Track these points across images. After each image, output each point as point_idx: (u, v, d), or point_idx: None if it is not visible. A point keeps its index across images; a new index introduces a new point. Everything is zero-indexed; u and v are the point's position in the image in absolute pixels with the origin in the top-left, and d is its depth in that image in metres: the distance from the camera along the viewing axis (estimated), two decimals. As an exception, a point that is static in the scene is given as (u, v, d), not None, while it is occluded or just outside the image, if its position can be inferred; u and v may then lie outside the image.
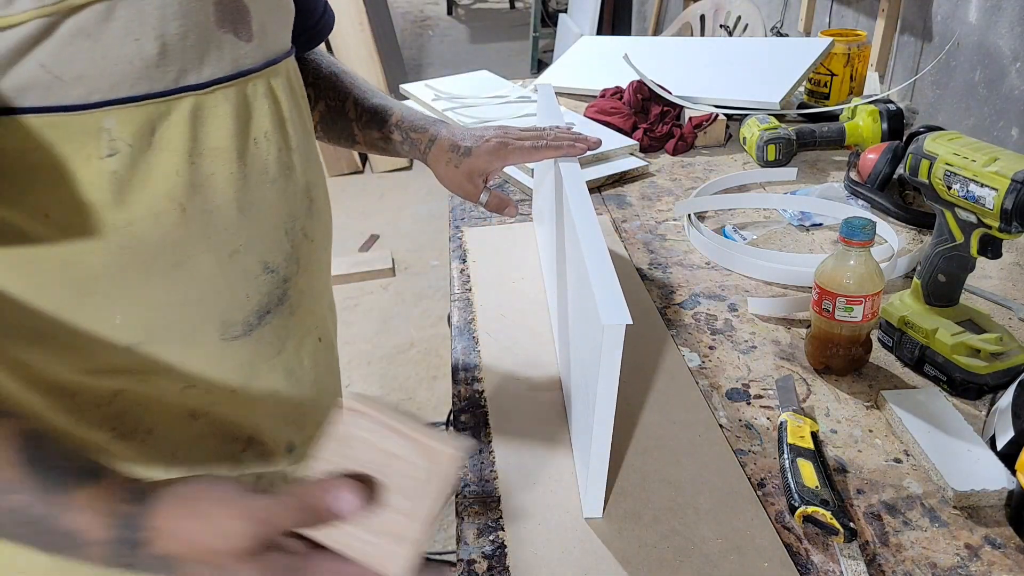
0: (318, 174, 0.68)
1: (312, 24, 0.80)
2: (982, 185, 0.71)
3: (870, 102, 1.32)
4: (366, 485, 0.42)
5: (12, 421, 0.44)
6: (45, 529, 0.42)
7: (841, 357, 0.79)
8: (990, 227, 0.73)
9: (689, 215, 1.11)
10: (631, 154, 1.33)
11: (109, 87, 0.48)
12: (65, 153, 0.48)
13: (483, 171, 0.84)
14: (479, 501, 0.66)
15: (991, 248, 0.75)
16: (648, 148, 1.39)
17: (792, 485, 0.64)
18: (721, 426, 0.74)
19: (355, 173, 3.79)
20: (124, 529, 0.42)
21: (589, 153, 1.28)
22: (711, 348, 0.86)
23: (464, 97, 1.58)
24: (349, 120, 0.86)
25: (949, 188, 0.74)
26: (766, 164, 1.30)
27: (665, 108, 1.44)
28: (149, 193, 0.52)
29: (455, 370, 0.84)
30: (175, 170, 0.53)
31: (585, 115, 1.47)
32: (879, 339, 0.85)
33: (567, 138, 0.83)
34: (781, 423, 0.71)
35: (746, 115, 1.39)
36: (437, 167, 0.87)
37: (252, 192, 0.59)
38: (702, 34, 2.38)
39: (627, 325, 0.52)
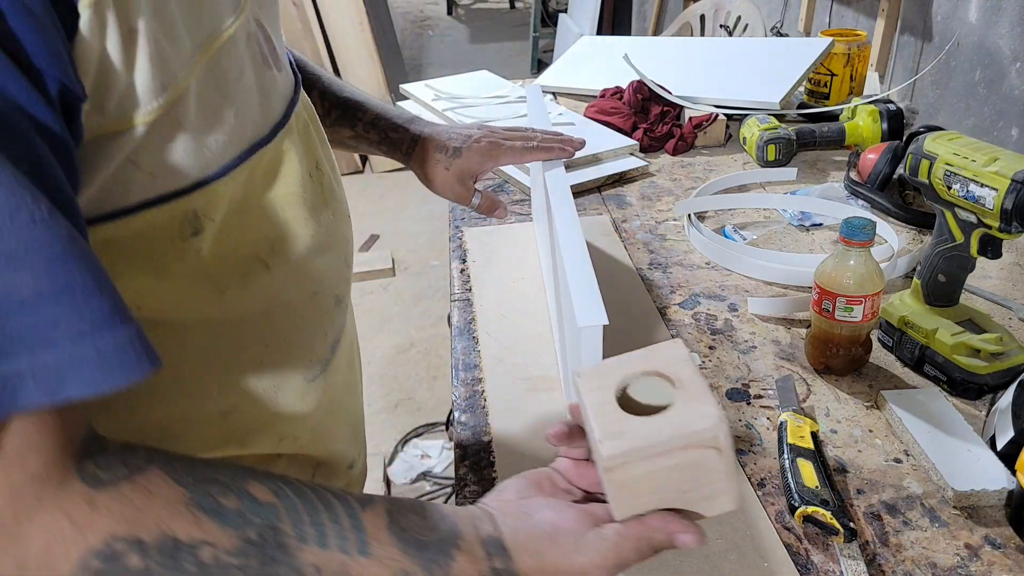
0: (343, 190, 0.65)
1: None
2: (982, 185, 0.71)
3: (870, 102, 1.32)
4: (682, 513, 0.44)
5: (377, 500, 0.44)
6: None
7: (841, 357, 0.79)
8: (990, 227, 0.73)
9: (689, 215, 1.11)
10: (631, 154, 1.33)
11: (199, 171, 0.46)
12: (156, 239, 0.46)
13: (474, 172, 0.82)
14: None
15: (991, 248, 0.75)
16: (648, 148, 1.39)
17: (792, 485, 0.64)
18: (721, 426, 0.74)
19: (355, 173, 3.79)
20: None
21: (588, 152, 1.28)
22: (711, 348, 0.86)
23: (464, 97, 1.58)
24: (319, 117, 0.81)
25: (949, 188, 0.74)
26: (766, 164, 1.29)
27: (665, 108, 1.44)
28: (235, 261, 0.50)
29: (455, 370, 0.84)
30: (258, 230, 0.51)
31: (585, 115, 1.47)
32: (879, 339, 0.85)
33: (555, 141, 0.82)
34: (781, 423, 0.71)
35: (746, 115, 1.39)
36: (423, 168, 0.82)
37: (321, 228, 0.57)
38: (702, 34, 2.38)
39: (607, 325, 0.52)
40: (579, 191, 1.25)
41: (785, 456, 0.67)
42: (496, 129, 0.84)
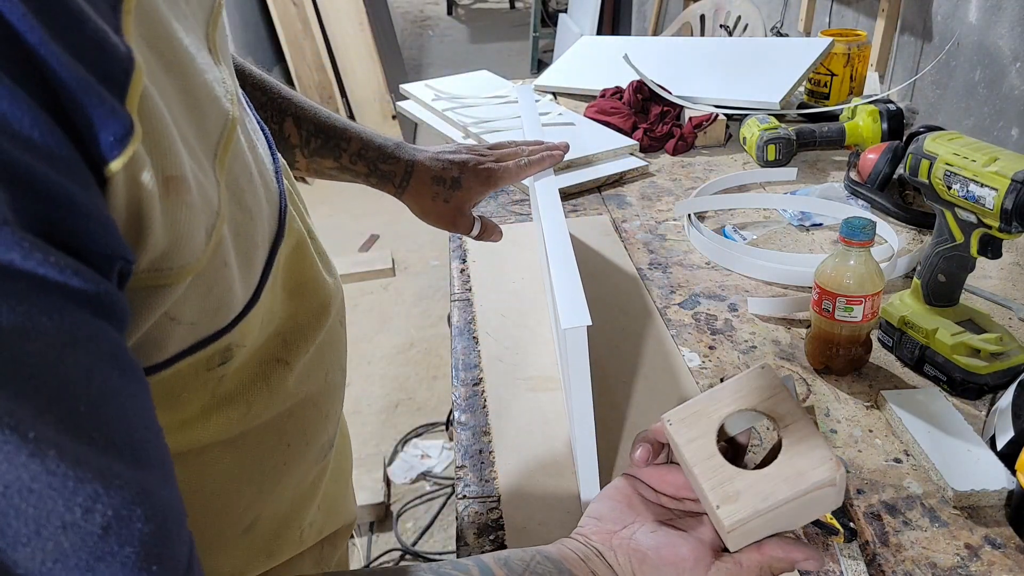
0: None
1: None
2: (982, 185, 0.71)
3: (870, 102, 1.32)
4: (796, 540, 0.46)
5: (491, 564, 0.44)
6: None
7: (841, 357, 0.79)
8: (990, 227, 0.73)
9: (689, 215, 1.11)
10: (631, 154, 1.33)
11: (241, 303, 0.40)
12: (181, 382, 0.40)
13: (475, 202, 0.79)
14: (479, 501, 0.66)
15: (991, 248, 0.75)
16: (648, 148, 1.39)
17: (792, 485, 0.63)
18: (721, 426, 0.74)
19: (355, 173, 3.79)
20: None
21: (588, 153, 1.28)
22: (711, 348, 0.86)
23: (464, 97, 1.58)
24: (291, 146, 0.71)
25: (949, 188, 0.74)
26: (766, 164, 1.30)
27: (665, 108, 1.44)
28: (259, 372, 0.45)
29: (455, 370, 0.84)
30: (273, 331, 0.46)
31: (585, 115, 1.47)
32: (879, 339, 0.85)
33: (542, 150, 0.79)
34: (781, 423, 0.71)
35: (746, 115, 1.39)
36: (419, 202, 0.77)
37: (323, 298, 0.52)
38: (702, 34, 2.38)
39: (591, 326, 0.52)
40: (579, 191, 1.25)
41: (785, 456, 0.67)
42: (483, 151, 0.80)
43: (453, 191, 0.76)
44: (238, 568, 0.50)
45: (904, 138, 1.24)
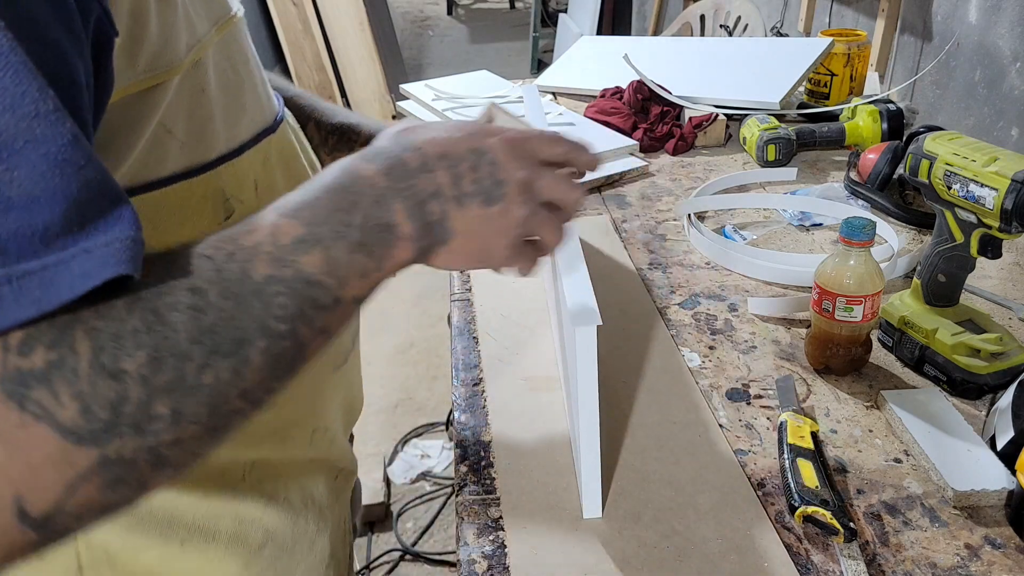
0: None
1: None
2: (982, 185, 0.71)
3: (870, 102, 1.32)
4: None
5: None
6: (324, 186, 0.42)
7: (841, 357, 0.79)
8: (990, 227, 0.73)
9: (689, 215, 1.11)
10: (631, 154, 1.33)
11: (224, 145, 0.50)
12: (194, 217, 0.48)
13: None
14: (479, 501, 0.66)
15: (991, 248, 0.75)
16: (648, 148, 1.39)
17: (792, 485, 0.64)
18: (721, 426, 0.74)
19: (355, 173, 3.78)
20: (370, 156, 0.45)
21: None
22: (711, 348, 0.86)
23: (464, 97, 1.58)
24: (315, 146, 0.76)
25: (949, 188, 0.74)
26: (766, 164, 1.29)
27: (665, 108, 1.44)
28: None
29: (455, 370, 0.84)
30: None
31: (585, 115, 1.47)
32: (879, 339, 0.85)
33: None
34: (781, 423, 0.71)
35: (746, 115, 1.39)
36: None
37: None
38: (702, 34, 2.38)
39: (602, 326, 0.52)
40: (579, 191, 1.25)
41: (785, 456, 0.67)
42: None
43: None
44: (253, 442, 0.55)
45: (904, 138, 1.24)
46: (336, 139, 0.78)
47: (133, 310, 0.34)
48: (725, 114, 1.41)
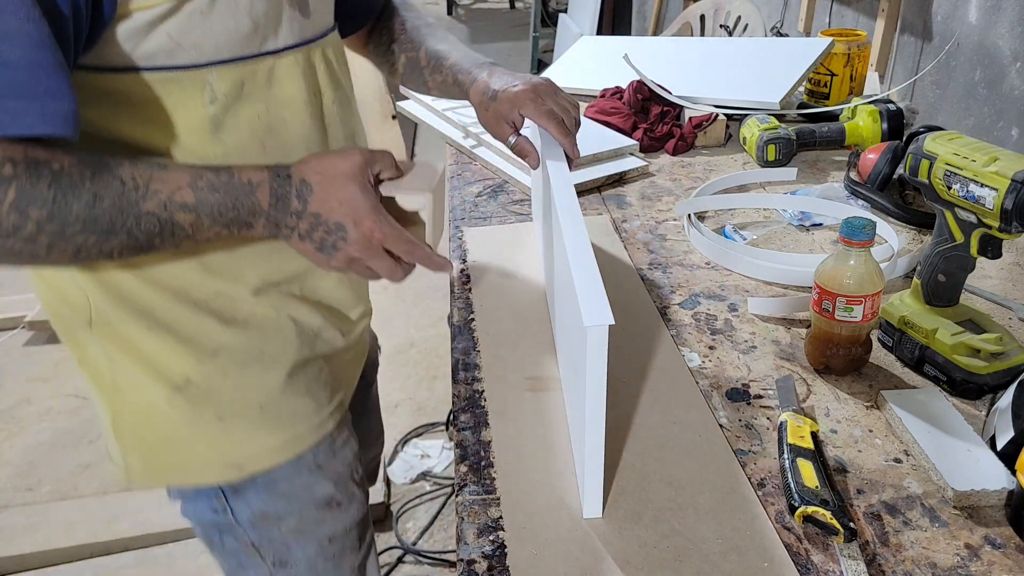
0: (357, 123, 0.83)
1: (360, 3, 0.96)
2: (982, 185, 0.71)
3: (870, 102, 1.32)
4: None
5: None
6: (233, 185, 0.62)
7: (841, 357, 0.79)
8: (990, 227, 0.73)
9: (689, 215, 1.11)
10: (631, 154, 1.33)
11: (214, 51, 0.63)
12: (179, 101, 0.64)
13: (506, 116, 0.88)
14: (479, 501, 0.66)
15: (991, 248, 0.75)
16: (648, 148, 1.39)
17: (792, 485, 0.64)
18: (721, 426, 0.74)
19: (355, 173, 3.78)
20: (277, 171, 0.65)
21: (588, 152, 1.28)
22: (711, 348, 0.86)
23: (464, 97, 1.58)
24: (422, 68, 0.94)
25: (949, 188, 0.74)
26: (766, 164, 1.30)
27: (665, 108, 1.44)
28: (238, 132, 0.67)
29: (455, 370, 0.84)
30: (257, 115, 0.68)
31: (585, 115, 1.47)
32: (879, 339, 0.85)
33: (571, 132, 0.88)
34: (781, 423, 0.71)
35: (746, 115, 1.39)
36: (475, 108, 0.92)
37: (314, 133, 0.74)
38: (702, 34, 2.38)
39: (611, 325, 0.52)
40: (579, 191, 1.25)
41: (785, 456, 0.67)
42: (540, 86, 0.89)
43: (491, 101, 0.89)
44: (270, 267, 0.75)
45: (904, 138, 1.24)
46: (434, 64, 0.94)
47: (51, 185, 0.55)
48: (725, 114, 1.41)
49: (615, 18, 4.28)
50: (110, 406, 0.76)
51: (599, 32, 3.96)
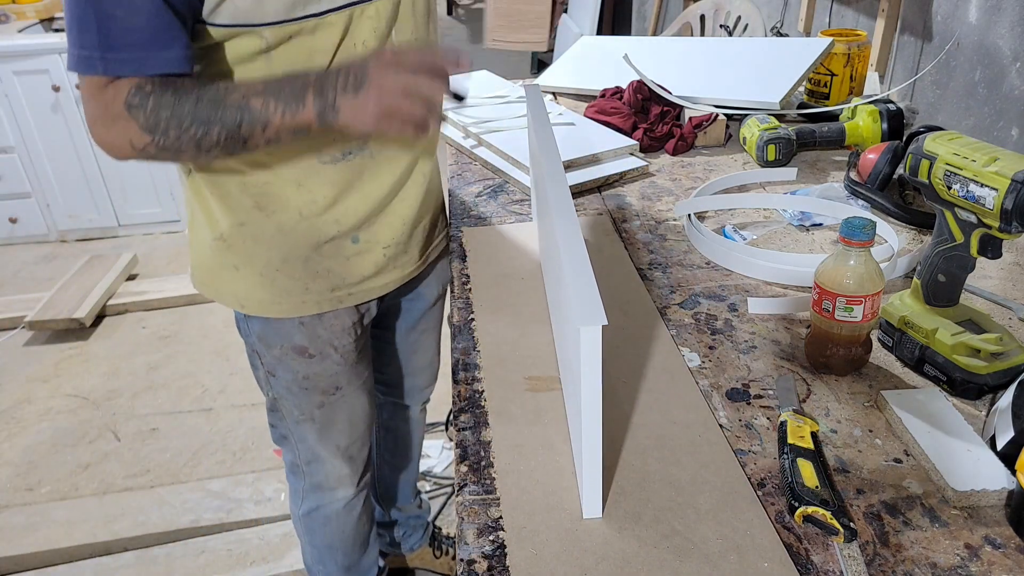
0: None
1: None
2: (982, 185, 0.71)
3: (870, 102, 1.32)
4: None
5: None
6: (290, 76, 0.81)
7: (841, 357, 0.79)
8: (990, 227, 0.73)
9: (689, 215, 1.11)
10: (631, 154, 1.33)
11: (264, 16, 0.81)
12: (241, 43, 0.85)
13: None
14: (479, 501, 0.66)
15: (991, 248, 0.75)
16: (648, 148, 1.39)
17: (792, 485, 0.64)
18: (721, 426, 0.74)
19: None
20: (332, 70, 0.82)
21: (588, 152, 1.28)
22: (711, 348, 0.86)
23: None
24: None
25: (949, 188, 0.74)
26: (766, 164, 1.30)
27: (665, 108, 1.44)
28: (283, 63, 0.86)
29: (455, 370, 0.84)
30: (298, 53, 0.86)
31: (585, 115, 1.47)
32: (879, 339, 0.85)
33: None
34: (781, 423, 0.71)
35: (746, 115, 1.39)
36: None
37: None
38: (702, 34, 2.38)
39: (608, 326, 0.52)
40: (579, 191, 1.25)
41: (785, 456, 0.67)
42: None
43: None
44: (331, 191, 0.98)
45: (904, 138, 1.24)
46: None
47: (172, 94, 0.79)
48: (725, 114, 1.41)
49: (615, 18, 4.28)
50: (191, 233, 1.07)
51: (599, 32, 3.96)
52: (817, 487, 0.63)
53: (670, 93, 1.46)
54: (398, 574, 1.77)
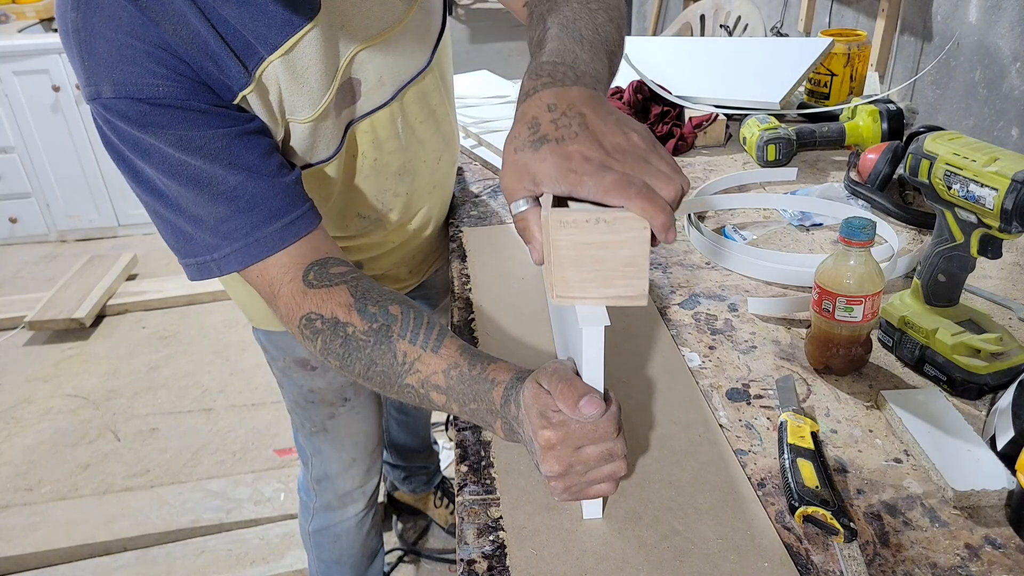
0: (403, 174, 0.98)
1: None
2: (982, 185, 0.71)
3: (870, 102, 1.32)
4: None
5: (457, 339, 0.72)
6: (478, 379, 0.67)
7: (841, 357, 0.79)
8: (990, 227, 0.73)
9: (689, 215, 1.11)
10: (631, 154, 1.33)
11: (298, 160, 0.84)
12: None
13: (540, 180, 0.56)
14: (479, 501, 0.66)
15: (991, 248, 0.75)
16: (648, 148, 1.39)
17: (792, 485, 0.64)
18: (721, 426, 0.74)
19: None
20: (519, 376, 0.66)
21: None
22: (711, 348, 0.86)
23: (464, 97, 1.58)
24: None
25: (949, 188, 0.74)
26: (766, 164, 1.29)
27: (665, 108, 1.44)
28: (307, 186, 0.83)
29: (455, 370, 0.84)
30: (312, 182, 0.86)
31: (585, 115, 1.47)
32: (879, 339, 0.85)
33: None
34: (781, 423, 0.71)
35: (746, 115, 1.39)
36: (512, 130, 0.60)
37: (343, 188, 0.93)
38: (702, 34, 2.38)
39: (609, 326, 0.52)
40: (579, 191, 1.25)
41: (785, 456, 0.67)
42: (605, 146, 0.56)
43: (532, 147, 0.56)
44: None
45: (904, 138, 1.24)
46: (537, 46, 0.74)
47: (343, 345, 0.72)
48: (725, 114, 1.41)
49: (615, 18, 4.27)
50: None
51: (599, 32, 3.95)
52: (817, 487, 0.63)
53: (670, 93, 1.46)
54: (405, 509, 1.88)
